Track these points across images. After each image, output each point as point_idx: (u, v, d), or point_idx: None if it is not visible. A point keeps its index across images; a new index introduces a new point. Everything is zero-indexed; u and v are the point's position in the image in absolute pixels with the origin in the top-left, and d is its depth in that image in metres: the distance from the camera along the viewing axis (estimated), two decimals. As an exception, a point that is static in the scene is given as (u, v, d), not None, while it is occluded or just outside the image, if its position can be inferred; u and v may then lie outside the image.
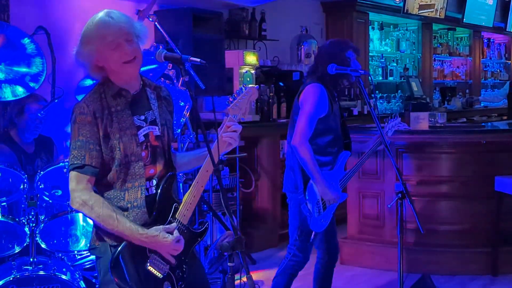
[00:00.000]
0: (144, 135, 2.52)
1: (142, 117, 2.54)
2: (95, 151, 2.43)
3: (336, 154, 3.83)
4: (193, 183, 2.55)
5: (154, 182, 2.55)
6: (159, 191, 2.53)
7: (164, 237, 2.44)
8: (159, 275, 2.47)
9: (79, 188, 2.43)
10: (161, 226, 2.47)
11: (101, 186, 2.49)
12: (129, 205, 2.47)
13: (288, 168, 3.82)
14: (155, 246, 2.45)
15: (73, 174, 2.44)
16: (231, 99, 2.61)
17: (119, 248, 2.43)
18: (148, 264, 2.46)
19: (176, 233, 2.48)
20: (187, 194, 2.57)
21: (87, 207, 2.42)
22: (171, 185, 2.57)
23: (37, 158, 4.17)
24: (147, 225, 2.47)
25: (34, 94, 3.99)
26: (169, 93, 2.72)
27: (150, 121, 2.56)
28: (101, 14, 2.49)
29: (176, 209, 2.54)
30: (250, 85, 2.66)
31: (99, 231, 2.50)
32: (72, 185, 2.44)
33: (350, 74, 3.80)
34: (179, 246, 2.49)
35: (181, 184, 4.36)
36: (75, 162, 2.42)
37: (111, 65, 2.47)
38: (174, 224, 2.50)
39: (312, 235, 3.75)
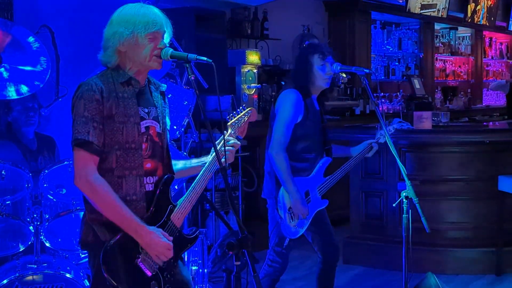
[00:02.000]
0: (145, 127, 2.53)
1: (146, 110, 2.55)
2: (98, 130, 2.41)
3: (313, 160, 3.75)
4: (190, 188, 2.57)
5: (152, 179, 2.54)
6: (157, 190, 2.52)
7: (159, 237, 2.44)
8: (147, 273, 2.47)
9: (83, 168, 2.40)
10: (160, 229, 2.47)
11: (101, 169, 2.45)
12: (127, 198, 2.46)
13: (266, 173, 3.79)
14: (148, 244, 2.43)
15: (78, 152, 2.41)
16: (232, 115, 2.66)
17: (111, 241, 2.42)
18: (139, 260, 2.46)
19: (170, 240, 2.48)
20: (183, 198, 2.58)
21: (91, 187, 2.40)
22: (169, 187, 2.57)
23: (40, 155, 4.18)
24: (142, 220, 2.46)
25: None
26: (166, 96, 2.73)
27: (153, 117, 2.57)
28: (143, 4, 2.52)
29: (171, 211, 2.54)
30: (249, 108, 2.72)
31: (93, 225, 2.47)
32: (77, 163, 2.42)
33: (321, 79, 3.72)
34: (169, 253, 2.47)
35: (184, 184, 4.36)
36: (79, 138, 2.39)
37: (139, 54, 2.47)
38: (171, 238, 2.49)
39: (286, 241, 3.71)
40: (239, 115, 2.67)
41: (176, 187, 4.17)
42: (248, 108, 2.70)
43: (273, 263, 3.79)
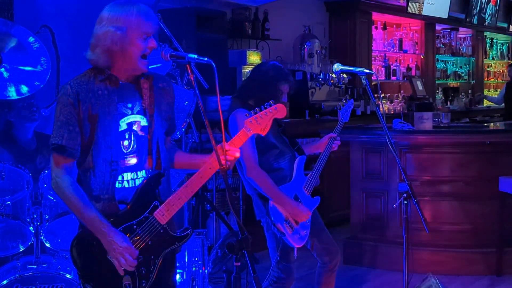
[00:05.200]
0: (127, 123, 2.50)
1: (130, 105, 2.52)
2: (74, 133, 2.44)
3: (289, 165, 3.69)
4: (183, 185, 2.51)
5: (137, 174, 2.51)
6: (140, 185, 2.49)
7: (118, 242, 2.40)
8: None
9: (55, 169, 2.47)
10: (125, 236, 2.43)
11: (82, 170, 2.50)
12: (101, 196, 2.47)
13: (251, 196, 3.73)
14: (107, 247, 2.42)
15: (53, 155, 2.48)
16: (252, 112, 2.56)
17: (79, 233, 2.47)
18: (107, 248, 2.44)
19: (135, 254, 2.43)
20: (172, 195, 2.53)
21: (58, 188, 2.46)
22: (156, 183, 2.52)
23: (39, 155, 4.16)
24: (116, 216, 2.46)
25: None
26: (169, 84, 2.67)
27: (139, 111, 2.53)
28: (133, 2, 2.49)
29: (156, 207, 2.49)
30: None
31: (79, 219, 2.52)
32: (51, 165, 2.49)
33: (281, 96, 3.64)
34: (127, 258, 2.41)
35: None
36: (54, 142, 2.45)
37: (131, 53, 2.45)
38: (135, 250, 2.44)
39: (295, 252, 3.65)
40: (260, 112, 2.56)
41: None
42: (275, 105, 2.58)
43: (279, 279, 3.71)
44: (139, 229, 2.47)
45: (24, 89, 3.77)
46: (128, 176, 2.50)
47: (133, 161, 2.50)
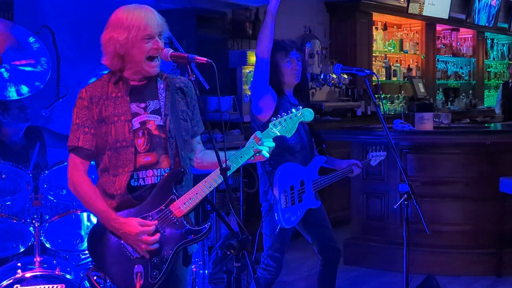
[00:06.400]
0: (140, 122, 2.54)
1: (142, 105, 2.57)
2: (89, 134, 2.54)
3: (305, 154, 3.69)
4: (202, 180, 2.53)
5: (152, 172, 2.53)
6: (158, 182, 2.53)
7: (132, 226, 2.44)
8: (131, 255, 2.48)
9: (72, 170, 2.58)
10: (138, 218, 2.47)
11: (99, 170, 2.58)
12: (114, 193, 2.52)
13: (259, 177, 3.75)
14: (122, 234, 2.47)
15: (70, 156, 2.59)
16: (278, 116, 2.59)
17: (97, 222, 2.58)
18: (123, 240, 2.49)
19: (151, 225, 2.46)
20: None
21: (73, 187, 2.58)
22: (175, 180, 2.54)
23: (31, 150, 4.16)
24: (131, 209, 2.50)
25: None
26: (188, 86, 2.68)
27: (153, 110, 2.57)
28: (136, 6, 2.54)
29: (173, 200, 2.52)
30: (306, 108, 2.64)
31: None
32: (68, 166, 2.60)
33: (288, 75, 3.74)
34: (146, 239, 2.45)
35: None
36: (70, 144, 2.56)
37: (136, 56, 2.51)
38: (154, 222, 2.48)
39: (277, 229, 3.60)
40: (286, 116, 2.60)
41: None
42: (301, 110, 2.63)
43: (268, 267, 3.75)
44: (154, 220, 2.50)
45: (24, 89, 3.77)
46: (143, 174, 2.54)
47: (148, 159, 2.54)
